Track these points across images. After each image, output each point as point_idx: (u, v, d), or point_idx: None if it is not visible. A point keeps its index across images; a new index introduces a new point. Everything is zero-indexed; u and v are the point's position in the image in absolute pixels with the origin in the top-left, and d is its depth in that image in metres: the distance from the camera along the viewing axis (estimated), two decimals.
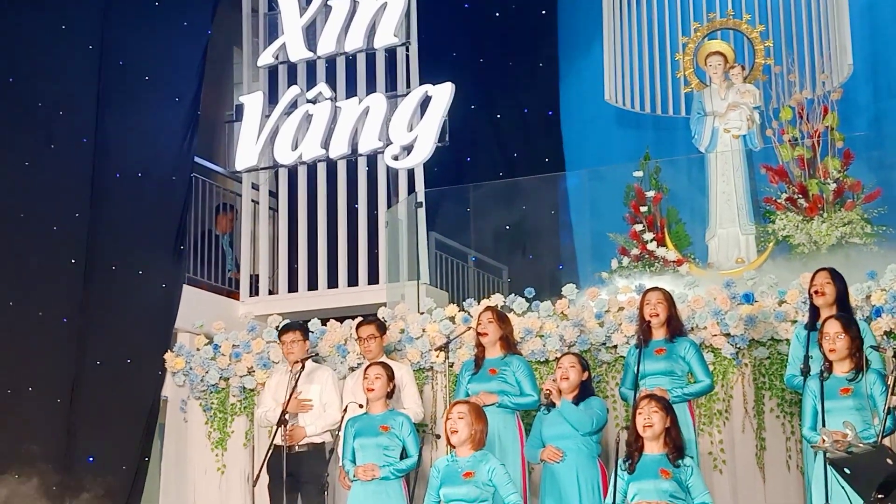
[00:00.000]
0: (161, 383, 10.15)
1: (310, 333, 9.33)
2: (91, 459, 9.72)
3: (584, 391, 7.85)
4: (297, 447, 8.69)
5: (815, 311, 7.71)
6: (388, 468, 7.95)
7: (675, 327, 8.05)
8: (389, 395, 8.25)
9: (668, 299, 8.09)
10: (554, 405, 7.74)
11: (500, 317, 8.44)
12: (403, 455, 8.03)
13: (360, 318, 9.27)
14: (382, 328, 8.94)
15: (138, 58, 10.90)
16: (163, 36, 11.11)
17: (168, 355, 10.11)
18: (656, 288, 8.21)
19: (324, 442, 8.74)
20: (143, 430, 9.96)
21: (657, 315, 8.01)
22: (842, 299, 7.72)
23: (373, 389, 8.13)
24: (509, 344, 8.40)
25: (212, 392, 9.95)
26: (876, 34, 11.74)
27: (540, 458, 7.80)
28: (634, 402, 7.37)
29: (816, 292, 7.71)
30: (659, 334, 8.03)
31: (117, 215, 10.44)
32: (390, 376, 8.21)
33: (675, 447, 6.97)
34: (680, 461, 6.93)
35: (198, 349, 10.05)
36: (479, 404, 7.61)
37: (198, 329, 10.22)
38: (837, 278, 7.74)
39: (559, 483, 7.66)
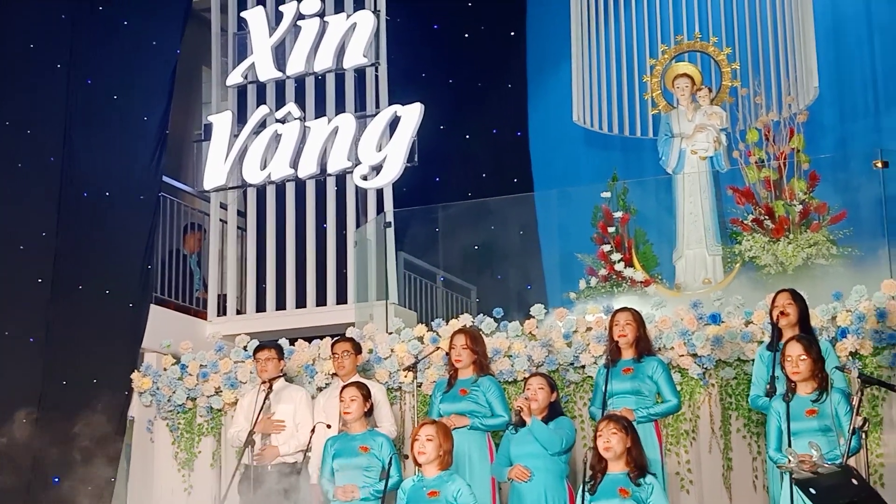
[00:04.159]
0: (128, 403, 10.12)
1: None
2: (56, 480, 9.66)
3: (554, 411, 7.85)
4: (269, 466, 8.67)
5: (777, 332, 7.74)
6: (368, 489, 7.91)
7: (644, 347, 8.07)
8: (369, 414, 8.23)
9: (638, 319, 8.11)
10: (524, 423, 7.74)
11: (473, 339, 8.40)
12: (382, 475, 8.00)
13: (328, 338, 9.30)
14: (358, 347, 8.95)
15: (106, 77, 10.90)
16: (131, 55, 11.12)
17: (135, 375, 10.08)
18: (626, 308, 8.22)
19: (296, 462, 8.71)
20: (109, 450, 9.90)
21: (625, 335, 8.04)
22: (804, 320, 7.76)
23: (349, 412, 8.09)
24: (481, 366, 8.39)
25: (179, 412, 9.91)
26: (841, 57, 11.85)
27: (507, 477, 7.79)
28: (596, 425, 7.38)
29: (781, 314, 7.74)
30: (627, 354, 8.06)
31: (84, 234, 10.42)
32: (366, 395, 8.17)
33: (637, 466, 6.98)
34: (641, 479, 6.94)
35: (165, 369, 10.01)
36: (446, 424, 7.61)
37: (165, 349, 10.19)
38: (798, 299, 7.77)
39: (526, 503, 7.65)
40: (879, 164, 9.45)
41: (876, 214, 9.50)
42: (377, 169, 10.96)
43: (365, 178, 11.01)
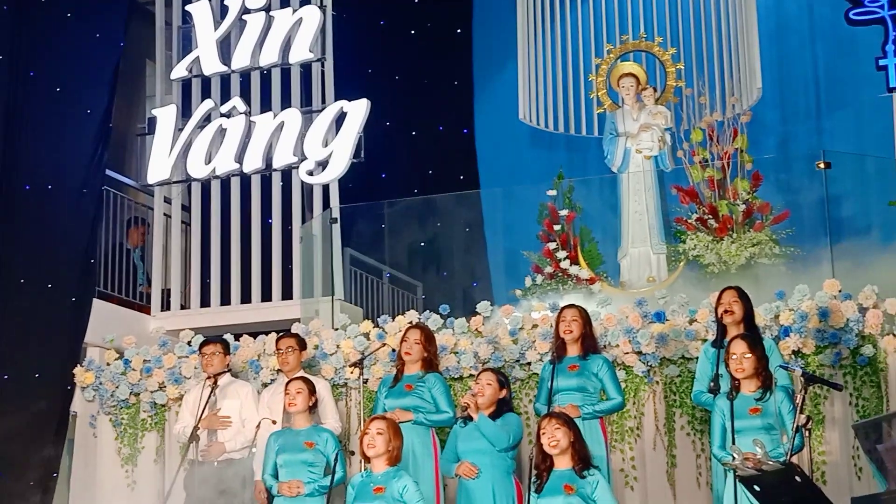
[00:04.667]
0: (70, 398, 10.03)
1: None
2: None
3: (501, 407, 7.88)
4: (215, 462, 8.63)
5: (722, 329, 7.82)
6: (313, 485, 7.93)
7: (589, 345, 8.13)
8: (313, 409, 8.23)
9: (584, 317, 8.17)
10: (471, 419, 7.77)
11: (428, 338, 8.44)
12: (327, 471, 8.00)
13: (274, 334, 9.28)
14: (302, 343, 8.94)
15: (49, 69, 10.78)
16: (75, 47, 11.00)
17: (77, 370, 9.99)
18: (572, 305, 8.28)
19: (242, 458, 8.68)
20: (51, 445, 9.82)
21: (571, 332, 8.08)
22: (748, 318, 7.84)
23: (294, 404, 8.11)
24: (430, 364, 8.41)
25: (122, 407, 9.84)
26: (784, 59, 11.99)
27: (455, 473, 7.82)
28: (538, 423, 7.40)
29: (726, 311, 7.81)
30: (573, 351, 8.11)
31: (26, 228, 10.31)
32: (311, 390, 8.20)
33: (581, 458, 7.05)
34: (586, 472, 7.00)
35: (108, 364, 9.93)
36: (395, 420, 7.64)
37: (108, 344, 10.11)
38: (744, 297, 7.85)
39: (474, 499, 7.67)
40: (822, 165, 9.58)
41: (818, 215, 9.62)
42: (323, 164, 10.92)
43: (311, 173, 10.96)
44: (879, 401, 8.18)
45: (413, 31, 12.55)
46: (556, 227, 10.38)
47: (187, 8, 11.71)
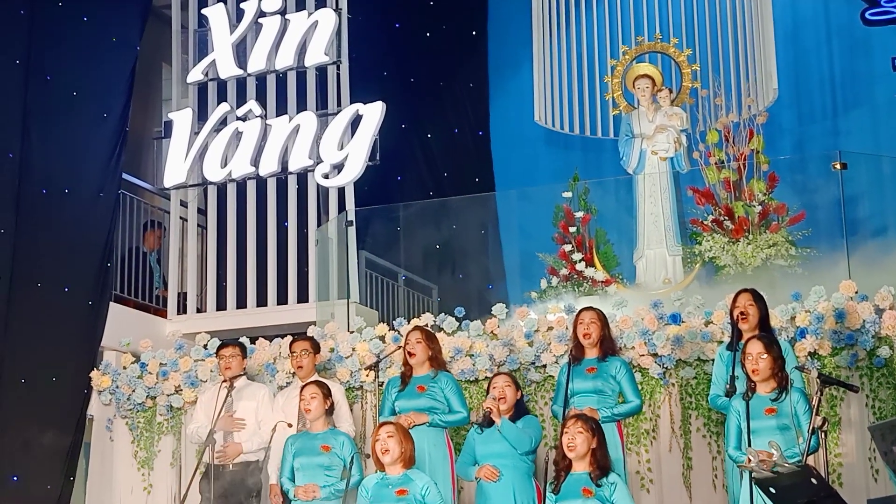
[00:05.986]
0: (87, 402, 10.04)
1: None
2: (15, 478, 9.60)
3: (520, 409, 7.88)
4: (230, 465, 8.64)
5: (737, 331, 7.79)
6: (329, 488, 7.94)
7: (608, 347, 8.10)
8: (329, 412, 8.24)
9: (602, 319, 8.13)
10: (491, 423, 7.75)
11: (429, 336, 8.44)
12: (343, 474, 7.99)
13: (289, 337, 9.29)
14: (317, 346, 8.94)
15: (66, 73, 10.80)
16: (91, 51, 11.02)
17: (94, 373, 10.01)
18: (591, 307, 8.25)
19: (258, 460, 8.69)
20: (68, 449, 9.84)
21: (590, 334, 8.06)
22: (764, 320, 7.81)
23: (310, 409, 8.12)
24: (438, 362, 8.41)
25: (138, 411, 9.86)
26: (800, 60, 11.98)
27: (475, 477, 7.80)
28: (563, 421, 7.41)
29: (742, 314, 7.77)
30: (591, 353, 8.08)
31: (43, 231, 10.32)
32: (326, 394, 8.20)
33: (599, 466, 7.03)
34: (603, 479, 6.98)
35: (124, 367, 9.95)
36: (404, 425, 7.63)
37: (124, 347, 10.13)
38: (759, 299, 7.81)
39: (494, 502, 7.67)
40: (838, 166, 9.53)
41: (834, 216, 9.58)
42: (339, 167, 10.94)
43: (326, 176, 10.98)
44: None
45: (428, 34, 12.57)
46: (572, 229, 10.39)
47: (203, 11, 11.74)
